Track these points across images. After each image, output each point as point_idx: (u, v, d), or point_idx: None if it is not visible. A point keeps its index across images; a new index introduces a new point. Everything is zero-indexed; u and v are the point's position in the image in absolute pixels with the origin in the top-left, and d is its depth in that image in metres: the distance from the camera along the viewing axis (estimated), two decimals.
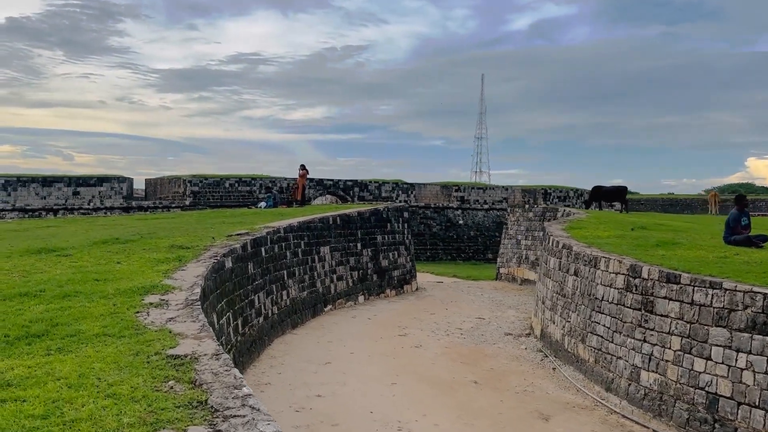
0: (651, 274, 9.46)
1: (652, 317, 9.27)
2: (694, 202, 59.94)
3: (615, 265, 10.51)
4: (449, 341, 14.83)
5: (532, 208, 28.83)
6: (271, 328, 13.82)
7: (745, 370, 7.55)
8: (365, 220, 21.76)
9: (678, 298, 8.79)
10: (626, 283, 10.08)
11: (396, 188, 44.21)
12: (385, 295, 22.26)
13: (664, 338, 8.96)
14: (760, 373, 7.33)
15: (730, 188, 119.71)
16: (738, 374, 7.63)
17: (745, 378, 7.53)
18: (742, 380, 7.56)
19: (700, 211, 52.23)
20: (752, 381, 7.42)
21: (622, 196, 28.76)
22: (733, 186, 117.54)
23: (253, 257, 13.16)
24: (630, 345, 9.71)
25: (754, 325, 7.51)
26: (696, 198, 68.40)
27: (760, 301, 7.50)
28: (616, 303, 10.30)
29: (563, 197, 48.52)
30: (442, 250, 42.49)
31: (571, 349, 12.00)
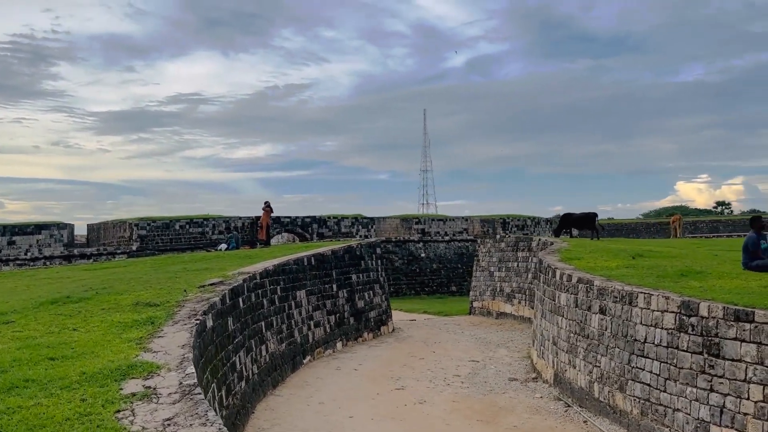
0: (712, 311, 8.23)
1: (719, 362, 8.01)
2: (655, 227, 60.84)
3: (660, 301, 9.26)
4: (454, 393, 13.24)
5: (504, 239, 27.80)
6: (252, 391, 11.92)
7: None
8: (339, 258, 20.10)
9: (754, 340, 7.57)
10: (678, 323, 8.82)
11: (356, 223, 42.67)
12: (363, 338, 20.53)
13: (739, 387, 7.69)
14: None
15: (666, 211, 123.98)
16: None
17: None
18: None
19: (663, 235, 52.81)
20: None
21: (592, 223, 28.11)
22: (668, 209, 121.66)
23: (232, 310, 11.32)
24: (692, 395, 8.41)
25: None
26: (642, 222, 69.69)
27: None
28: (666, 345, 9.02)
29: (521, 226, 48.07)
30: (406, 284, 41.06)
31: (604, 399, 10.63)
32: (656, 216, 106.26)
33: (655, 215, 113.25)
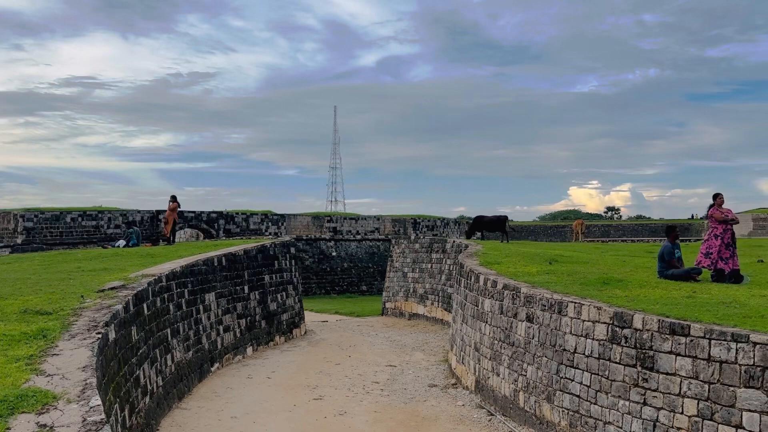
0: (647, 323, 8.19)
1: (653, 375, 7.97)
2: (552, 229, 63.27)
3: (592, 311, 9.17)
4: (374, 402, 12.72)
5: (419, 240, 27.70)
6: (157, 406, 10.83)
7: None
8: (252, 258, 19.07)
9: (689, 354, 7.56)
10: (611, 334, 8.75)
11: (265, 220, 41.31)
12: (275, 343, 19.63)
13: (673, 401, 7.67)
14: None
15: (560, 215, 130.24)
16: None
17: None
18: None
19: (559, 237, 55.02)
20: None
21: (503, 226, 28.59)
22: (562, 213, 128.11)
23: (136, 318, 10.20)
24: (624, 408, 8.34)
25: None
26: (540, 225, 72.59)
27: None
28: (598, 357, 8.94)
29: (431, 226, 48.53)
30: (316, 284, 40.24)
31: (530, 409, 10.48)
32: (552, 219, 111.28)
33: (551, 218, 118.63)
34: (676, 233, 13.03)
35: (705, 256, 12.10)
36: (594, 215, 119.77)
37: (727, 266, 11.95)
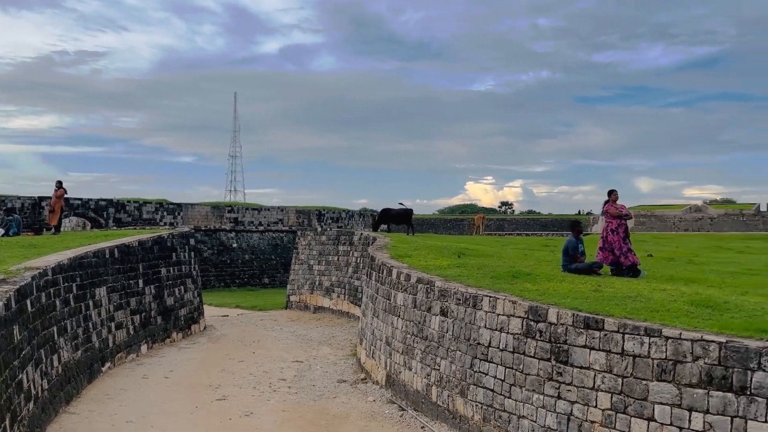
0: (562, 317, 8.28)
1: (568, 369, 8.08)
2: (451, 222, 64.71)
3: (507, 305, 9.19)
4: (282, 400, 12.22)
5: (325, 232, 27.28)
6: (42, 412, 9.78)
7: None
8: (147, 250, 17.87)
9: (603, 348, 7.70)
10: (526, 328, 8.80)
11: (160, 209, 39.23)
12: (172, 339, 18.57)
13: (587, 395, 7.79)
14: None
15: (458, 208, 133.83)
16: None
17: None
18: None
19: (458, 230, 56.37)
20: None
21: (408, 219, 28.75)
22: (460, 206, 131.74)
23: (18, 316, 9.10)
24: (539, 402, 8.41)
25: (710, 380, 6.66)
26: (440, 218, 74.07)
27: (714, 351, 6.67)
28: (513, 351, 8.97)
29: (336, 218, 48.19)
30: (215, 276, 38.80)
31: (443, 403, 10.41)
32: (450, 213, 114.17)
33: (449, 212, 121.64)
34: (580, 228, 13.45)
35: (603, 252, 12.57)
36: (489, 209, 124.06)
37: (628, 260, 12.46)
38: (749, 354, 6.38)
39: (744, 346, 6.47)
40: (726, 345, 6.59)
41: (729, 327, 7.24)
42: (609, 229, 12.66)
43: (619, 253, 12.27)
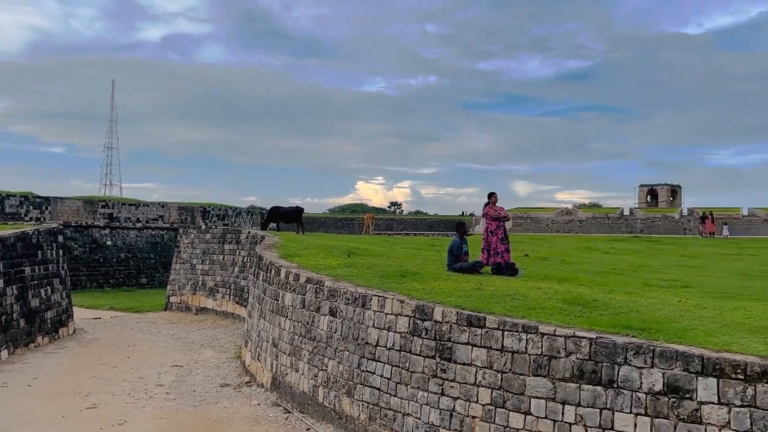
0: (447, 315, 8.46)
1: (451, 366, 8.26)
2: (341, 222, 64.73)
3: (394, 305, 9.26)
4: (158, 407, 11.59)
5: (210, 230, 26.31)
6: None
7: (574, 425, 7.01)
8: (9, 247, 16.32)
9: (485, 344, 7.95)
10: (412, 326, 8.91)
11: (25, 203, 36.08)
12: (37, 344, 17.12)
13: (469, 391, 8.01)
14: (593, 428, 6.86)
15: (349, 208, 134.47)
16: (567, 430, 7.05)
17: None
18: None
19: (347, 230, 56.50)
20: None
21: (298, 217, 28.44)
22: (350, 206, 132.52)
23: None
24: (423, 399, 8.53)
25: (582, 374, 7.05)
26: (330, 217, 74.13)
27: (586, 346, 7.08)
28: (399, 349, 9.05)
29: (222, 215, 46.70)
30: (86, 276, 36.33)
31: (329, 404, 10.31)
32: (341, 212, 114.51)
33: (340, 211, 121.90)
34: (465, 229, 13.87)
35: (482, 252, 13.04)
36: (379, 209, 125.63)
37: (504, 260, 13.00)
38: (617, 349, 6.82)
39: (612, 341, 6.92)
40: (596, 341, 7.01)
41: (598, 324, 7.72)
42: (489, 230, 13.14)
43: (494, 253, 12.76)
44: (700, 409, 6.16)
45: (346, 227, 62.35)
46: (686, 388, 6.28)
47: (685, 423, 6.21)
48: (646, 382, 6.52)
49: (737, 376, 6.03)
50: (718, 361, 6.17)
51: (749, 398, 5.94)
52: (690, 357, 6.32)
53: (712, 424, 6.07)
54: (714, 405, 6.10)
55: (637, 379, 6.59)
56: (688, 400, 6.24)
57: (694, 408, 6.19)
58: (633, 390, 6.60)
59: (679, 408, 6.28)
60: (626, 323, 7.67)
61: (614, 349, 6.83)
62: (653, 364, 6.53)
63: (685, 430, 6.21)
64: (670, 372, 6.40)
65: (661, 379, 6.44)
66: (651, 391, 6.48)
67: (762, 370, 5.93)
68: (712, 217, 42.31)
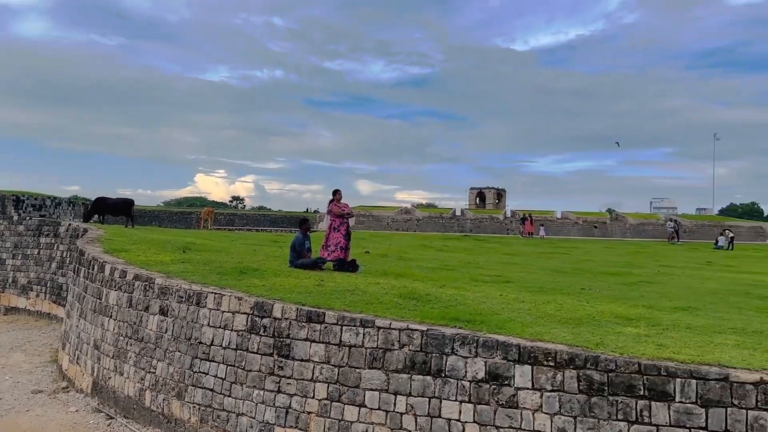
0: (286, 312, 8.38)
1: (289, 363, 8.19)
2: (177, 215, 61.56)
3: (232, 302, 8.98)
4: None
5: (24, 221, 23.67)
6: None
7: (405, 415, 7.28)
8: None
9: (323, 340, 7.99)
10: (250, 324, 8.70)
11: None
12: None
13: (306, 387, 7.99)
14: (422, 416, 7.18)
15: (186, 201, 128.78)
16: (398, 420, 7.31)
17: (405, 423, 7.26)
18: (403, 426, 7.27)
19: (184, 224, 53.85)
20: (414, 425, 7.21)
21: (128, 210, 26.63)
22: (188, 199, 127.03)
23: None
24: (259, 398, 8.37)
25: (413, 365, 7.35)
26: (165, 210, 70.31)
27: (418, 338, 7.39)
28: (236, 348, 8.79)
29: (39, 205, 42.24)
30: None
31: (157, 408, 9.73)
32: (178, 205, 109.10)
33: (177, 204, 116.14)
34: (308, 226, 13.87)
35: (326, 249, 13.15)
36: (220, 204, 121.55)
37: (345, 256, 13.21)
38: (445, 340, 7.21)
39: (441, 333, 7.29)
40: (427, 333, 7.35)
41: (430, 316, 8.11)
42: (332, 227, 13.28)
43: (336, 249, 12.94)
44: (517, 395, 6.71)
45: (183, 221, 59.41)
46: (505, 375, 6.80)
47: (504, 408, 6.73)
48: (471, 370, 6.97)
49: (548, 363, 6.65)
50: (532, 350, 6.76)
51: (558, 383, 6.57)
52: (509, 346, 6.86)
53: (527, 408, 6.64)
54: (529, 390, 6.68)
55: (463, 368, 7.01)
56: (507, 387, 6.77)
57: (512, 394, 6.73)
58: (459, 378, 7.01)
59: (498, 394, 6.78)
60: (455, 315, 8.14)
61: (443, 340, 7.21)
62: (477, 354, 6.99)
63: (503, 415, 6.72)
64: (492, 361, 6.89)
65: (483, 368, 6.92)
66: (475, 379, 6.93)
67: (569, 357, 6.59)
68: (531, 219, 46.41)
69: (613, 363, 6.40)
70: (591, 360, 6.48)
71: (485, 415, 6.80)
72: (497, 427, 6.69)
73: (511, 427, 6.64)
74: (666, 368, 6.21)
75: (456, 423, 6.94)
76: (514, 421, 6.65)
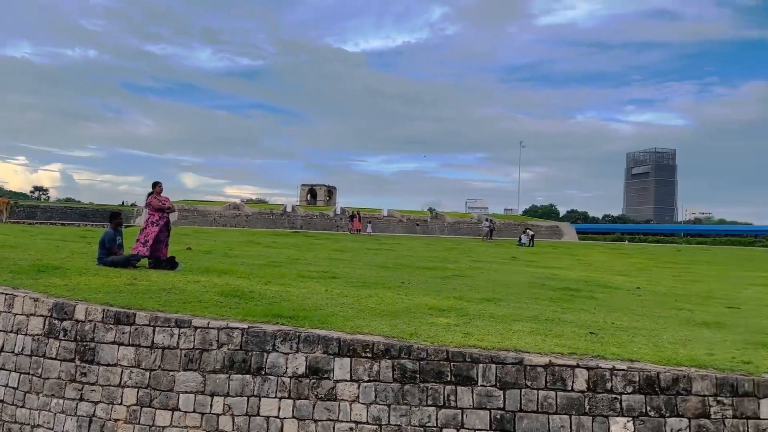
0: (90, 314, 7.69)
1: (93, 368, 7.54)
2: None
3: (26, 303, 8.05)
4: None
5: None
6: None
7: (222, 415, 7.06)
8: None
9: (133, 342, 7.46)
10: (48, 327, 7.87)
11: None
12: None
13: (113, 393, 7.41)
14: (240, 416, 7.01)
15: None
16: (214, 421, 7.05)
17: (222, 424, 7.03)
18: (219, 427, 7.03)
19: None
20: (231, 426, 7.01)
21: None
22: None
23: None
24: (58, 407, 7.59)
25: (232, 365, 7.15)
26: None
27: (238, 337, 7.19)
28: (31, 354, 7.90)
29: None
30: None
31: None
32: None
33: None
34: (120, 220, 12.92)
35: (143, 244, 12.36)
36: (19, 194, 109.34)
37: (162, 253, 12.53)
38: (266, 337, 7.12)
39: (262, 330, 7.19)
40: (248, 330, 7.21)
41: (252, 314, 7.95)
42: (150, 221, 12.51)
43: (153, 245, 12.25)
44: (336, 387, 6.82)
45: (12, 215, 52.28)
46: (325, 368, 6.89)
47: (323, 401, 6.81)
48: (291, 366, 6.96)
49: (366, 355, 6.86)
50: (351, 343, 6.92)
51: (375, 373, 6.80)
52: (329, 340, 6.96)
53: (345, 399, 6.79)
54: (347, 382, 6.83)
55: (284, 365, 6.98)
56: (326, 380, 6.86)
57: (331, 387, 6.83)
58: (279, 375, 6.97)
59: (318, 388, 6.85)
60: (278, 312, 8.07)
61: (264, 337, 7.11)
62: (298, 349, 7.00)
63: (322, 408, 6.80)
64: (312, 355, 6.94)
65: (304, 363, 6.94)
66: (295, 374, 6.93)
67: (385, 348, 6.85)
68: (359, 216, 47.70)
69: (424, 352, 6.76)
70: (405, 350, 6.79)
71: (304, 409, 6.83)
72: (315, 420, 6.76)
73: (329, 420, 6.74)
74: (470, 355, 6.70)
75: (275, 420, 6.89)
76: (332, 414, 6.76)
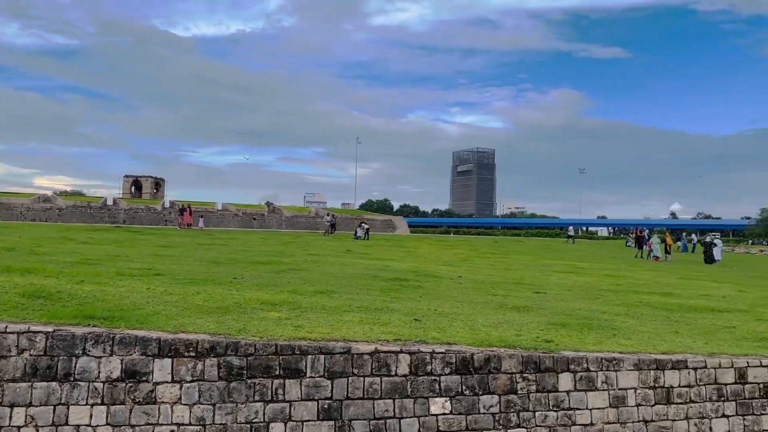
0: None
1: None
2: None
3: None
4: None
5: None
6: None
7: (24, 428, 6.33)
8: None
9: None
10: None
11: None
12: None
13: None
14: (45, 426, 6.34)
15: None
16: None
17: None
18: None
19: None
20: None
21: None
22: None
23: None
24: None
25: (36, 372, 6.44)
26: None
27: (41, 341, 6.49)
28: None
29: None
30: None
31: None
32: None
33: None
34: None
35: None
36: None
37: None
38: (75, 341, 6.53)
39: (71, 333, 6.58)
40: (53, 334, 6.56)
41: (59, 316, 7.25)
42: None
43: None
44: (155, 390, 6.45)
45: None
46: (143, 371, 6.48)
47: (141, 405, 6.40)
48: (105, 370, 6.45)
49: (189, 354, 6.56)
50: (173, 342, 6.58)
51: (199, 373, 6.53)
52: (148, 341, 6.56)
53: (165, 402, 6.44)
54: (168, 384, 6.48)
55: (96, 369, 6.45)
56: (145, 383, 6.45)
57: (150, 389, 6.44)
58: (91, 381, 6.43)
59: (135, 392, 6.42)
60: (90, 313, 7.45)
61: (73, 341, 6.52)
62: (113, 352, 6.51)
63: (140, 412, 6.39)
64: (129, 358, 6.49)
65: (119, 366, 6.47)
66: (109, 379, 6.44)
67: (210, 346, 6.61)
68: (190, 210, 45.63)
69: (252, 347, 6.63)
70: (231, 346, 6.61)
71: (120, 415, 6.36)
72: (132, 425, 6.33)
73: (148, 424, 6.35)
74: (299, 347, 6.70)
75: (86, 428, 6.33)
76: (152, 417, 6.38)
